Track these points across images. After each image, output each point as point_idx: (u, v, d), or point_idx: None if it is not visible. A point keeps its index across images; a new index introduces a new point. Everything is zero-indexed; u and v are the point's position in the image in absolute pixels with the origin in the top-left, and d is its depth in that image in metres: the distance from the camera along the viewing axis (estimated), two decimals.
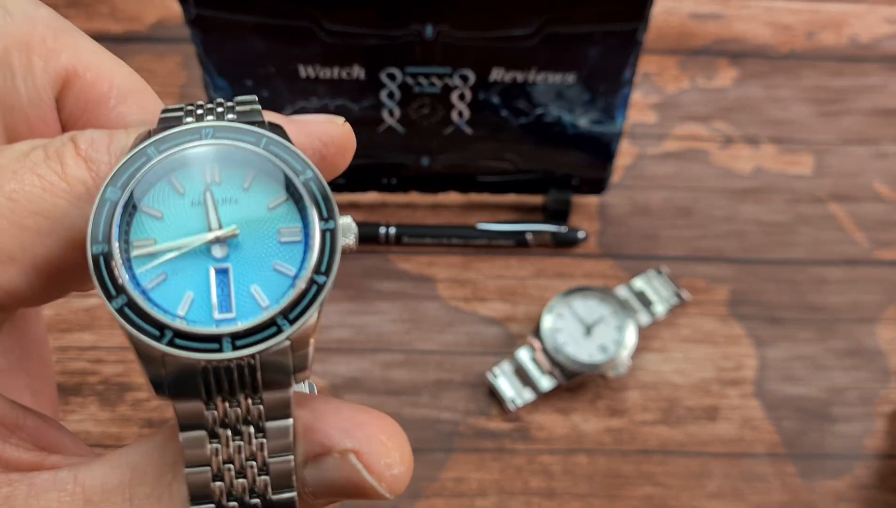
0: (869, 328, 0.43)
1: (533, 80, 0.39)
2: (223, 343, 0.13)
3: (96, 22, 0.50)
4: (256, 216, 0.14)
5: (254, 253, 0.14)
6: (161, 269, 0.13)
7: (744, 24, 0.52)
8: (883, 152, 0.49)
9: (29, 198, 0.13)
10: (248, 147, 0.14)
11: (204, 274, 0.13)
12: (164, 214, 0.14)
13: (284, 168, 0.14)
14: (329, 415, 0.14)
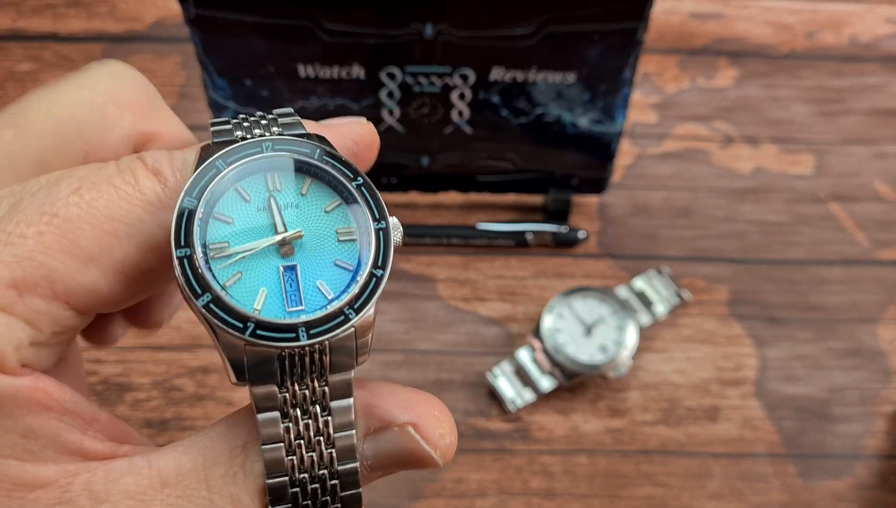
0: (869, 328, 0.43)
1: (533, 79, 0.38)
2: (299, 332, 0.14)
3: (96, 21, 0.50)
4: (316, 219, 0.15)
5: (316, 252, 0.15)
6: (236, 268, 0.15)
7: (744, 24, 0.52)
8: (883, 152, 0.49)
9: (107, 205, 0.15)
10: (305, 158, 0.15)
11: (275, 272, 0.15)
12: (235, 219, 0.15)
13: (337, 175, 0.16)
14: (386, 395, 0.16)
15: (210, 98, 0.39)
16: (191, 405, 0.40)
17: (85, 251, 0.15)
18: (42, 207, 0.14)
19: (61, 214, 0.15)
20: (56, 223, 0.14)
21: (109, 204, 0.15)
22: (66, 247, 0.15)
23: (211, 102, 0.39)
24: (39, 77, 0.48)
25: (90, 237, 0.15)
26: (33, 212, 0.14)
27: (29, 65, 0.49)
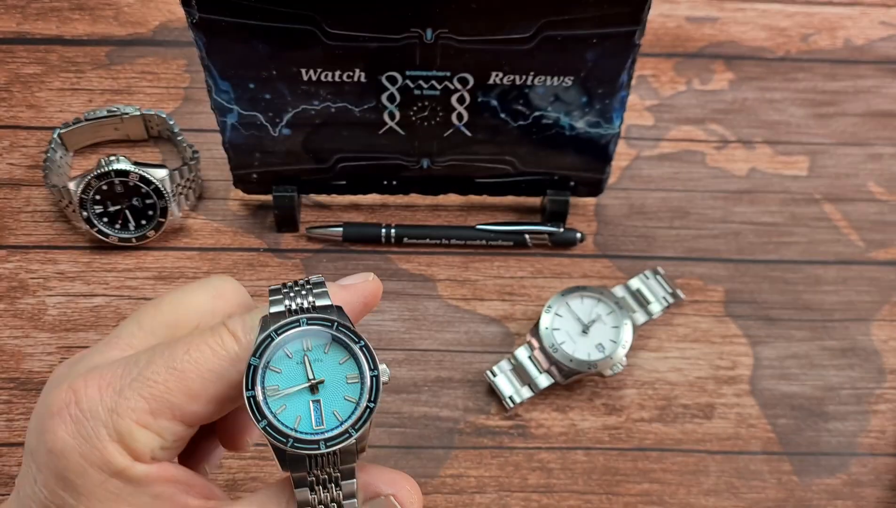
0: (863, 328, 0.44)
1: (531, 83, 0.39)
2: (320, 444, 0.23)
3: (101, 25, 0.51)
4: (333, 369, 0.24)
5: (333, 390, 0.24)
6: (282, 402, 0.24)
7: (739, 27, 0.53)
8: (877, 154, 0.49)
9: (206, 360, 0.24)
10: (326, 329, 0.24)
11: (306, 405, 0.24)
12: (282, 370, 0.24)
13: (346, 340, 0.24)
14: (376, 475, 0.25)
15: (214, 101, 0.40)
16: None
17: (193, 391, 0.24)
18: (167, 362, 0.24)
19: (178, 367, 0.24)
20: (175, 374, 0.23)
21: (207, 359, 0.24)
22: (180, 388, 0.23)
23: (215, 105, 0.40)
24: (45, 80, 0.49)
25: (196, 381, 0.24)
26: (162, 366, 0.24)
27: (34, 68, 0.49)
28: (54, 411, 0.23)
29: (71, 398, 0.23)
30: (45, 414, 0.23)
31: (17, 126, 0.48)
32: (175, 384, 0.23)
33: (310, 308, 0.25)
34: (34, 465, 0.24)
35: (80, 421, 0.23)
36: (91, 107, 0.48)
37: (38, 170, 0.46)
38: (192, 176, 0.44)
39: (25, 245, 0.44)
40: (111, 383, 0.23)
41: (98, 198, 0.42)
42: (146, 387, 0.23)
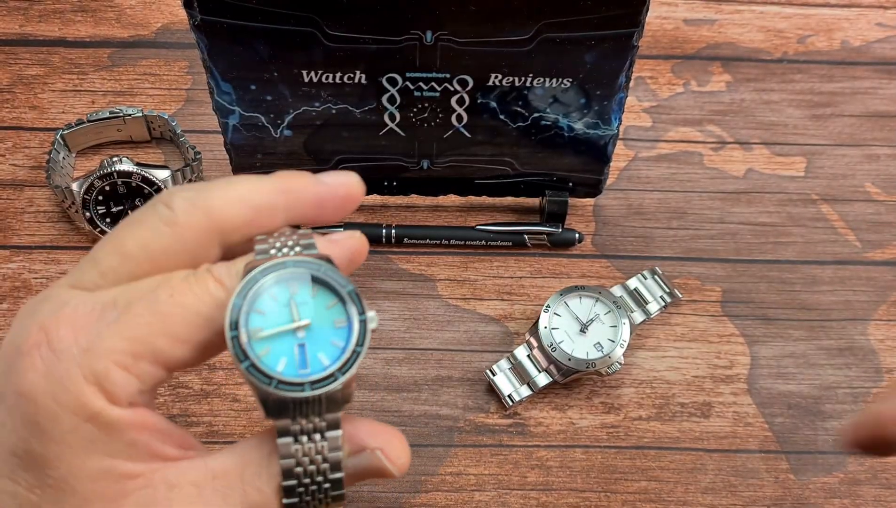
0: (860, 328, 0.44)
1: (530, 84, 0.39)
2: (305, 387, 0.22)
3: (103, 27, 0.51)
4: (320, 312, 0.23)
5: (319, 334, 0.23)
6: (266, 344, 0.22)
7: (736, 29, 0.53)
8: (874, 154, 0.50)
9: (191, 305, 0.23)
10: (314, 272, 0.23)
11: (291, 347, 0.23)
12: (267, 313, 0.23)
13: (334, 284, 0.23)
14: (363, 427, 0.24)
15: (215, 102, 0.40)
16: (197, 401, 0.41)
17: (177, 335, 0.22)
18: (150, 305, 0.22)
19: (162, 310, 0.22)
20: (159, 317, 0.22)
21: (192, 305, 0.23)
22: (165, 332, 0.22)
23: (216, 107, 0.40)
24: (47, 81, 0.49)
25: (180, 326, 0.22)
26: (145, 308, 0.22)
27: (37, 69, 0.50)
28: (24, 351, 0.22)
29: (42, 338, 0.22)
30: (12, 354, 0.22)
31: (20, 127, 0.48)
32: (159, 326, 0.22)
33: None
34: (2, 409, 0.22)
35: (53, 362, 0.21)
36: (94, 108, 0.49)
37: (41, 171, 0.46)
38: (194, 177, 0.44)
39: (28, 246, 0.44)
40: (86, 324, 0.22)
41: (101, 199, 0.42)
42: (128, 328, 0.22)
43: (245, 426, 0.40)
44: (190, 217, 0.24)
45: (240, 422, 0.40)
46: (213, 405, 0.40)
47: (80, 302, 0.23)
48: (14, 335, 0.23)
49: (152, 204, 0.24)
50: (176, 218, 0.24)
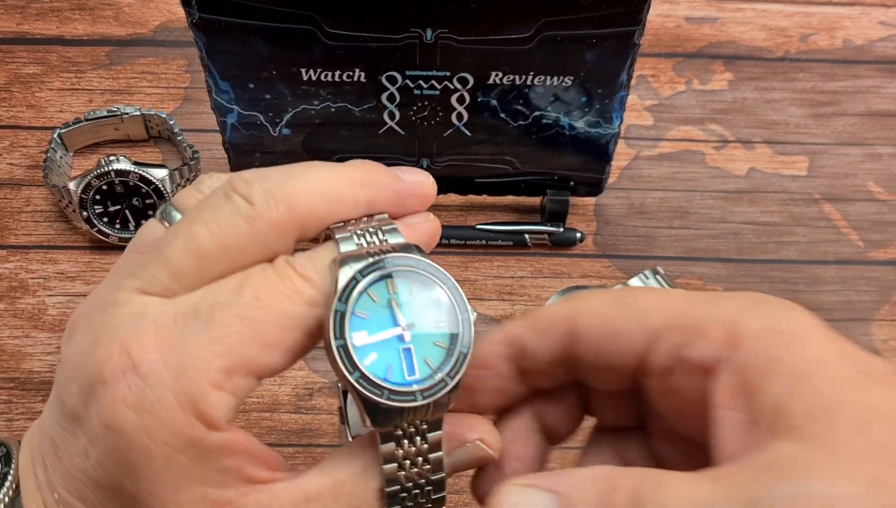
0: (863, 328, 0.44)
1: (531, 83, 0.39)
2: (416, 396, 0.21)
3: (101, 25, 0.51)
4: (421, 312, 0.22)
5: (423, 336, 0.22)
6: (372, 351, 0.21)
7: (739, 28, 0.53)
8: (876, 154, 0.49)
9: (280, 306, 0.21)
10: (412, 269, 0.22)
11: (397, 352, 0.22)
12: (369, 316, 0.22)
13: (435, 280, 0.22)
14: (462, 422, 0.23)
15: (214, 101, 0.40)
16: None
17: (268, 341, 0.21)
18: (236, 310, 0.21)
19: (250, 316, 0.21)
20: (248, 323, 0.21)
21: (282, 305, 0.21)
22: (256, 339, 0.21)
23: (215, 106, 0.40)
24: (45, 80, 0.49)
25: (271, 331, 0.21)
26: (231, 315, 0.21)
27: (34, 68, 0.49)
28: (108, 378, 0.20)
29: (127, 362, 0.20)
30: (93, 378, 0.20)
31: (17, 126, 0.48)
32: (249, 334, 0.20)
33: (386, 248, 0.22)
34: (84, 437, 0.21)
35: (143, 391, 0.20)
36: (91, 107, 0.48)
37: (39, 170, 0.46)
38: (192, 176, 0.44)
39: (25, 245, 0.44)
40: (172, 340, 0.20)
41: (98, 198, 0.42)
42: (218, 342, 0.20)
43: (244, 427, 0.40)
44: (271, 212, 0.22)
45: (237, 423, 0.40)
46: None
47: (159, 314, 0.21)
48: (89, 352, 0.21)
49: (226, 195, 0.22)
50: (257, 214, 0.21)
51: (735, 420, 0.20)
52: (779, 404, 0.19)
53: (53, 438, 0.22)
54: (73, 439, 0.21)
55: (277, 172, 0.23)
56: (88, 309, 0.22)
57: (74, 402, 0.21)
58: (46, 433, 0.22)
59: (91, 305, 0.22)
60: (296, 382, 0.41)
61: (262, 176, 0.22)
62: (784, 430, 0.19)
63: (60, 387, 0.22)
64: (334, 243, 0.22)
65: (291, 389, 0.41)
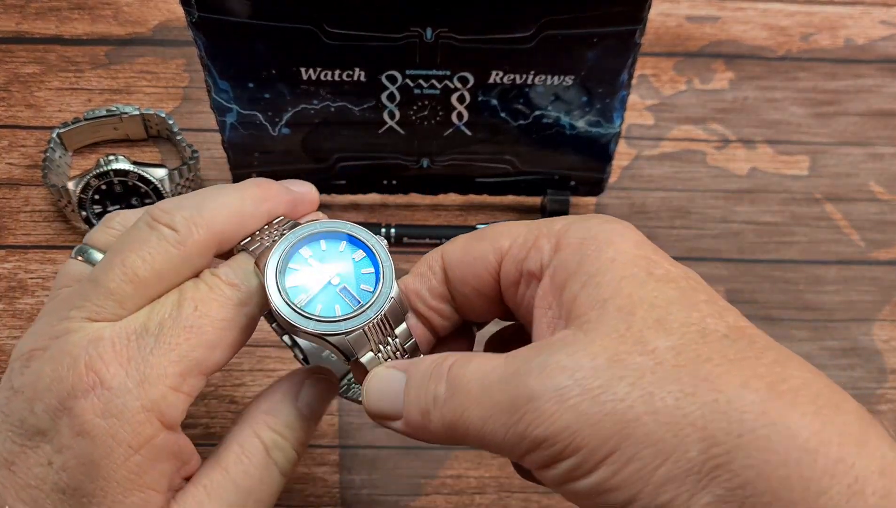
0: (865, 328, 0.44)
1: (531, 82, 0.39)
2: (370, 310, 0.26)
3: (100, 25, 0.51)
4: (337, 255, 0.27)
5: (348, 274, 0.27)
6: (317, 302, 0.26)
7: (740, 27, 0.53)
8: (878, 153, 0.49)
9: (216, 312, 0.25)
10: (315, 232, 0.27)
11: (336, 295, 0.26)
12: (300, 282, 0.26)
13: (339, 230, 0.27)
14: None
15: (213, 101, 0.40)
16: (194, 403, 0.40)
17: (211, 342, 0.25)
18: (181, 323, 0.25)
19: (194, 325, 0.25)
20: (193, 331, 0.25)
21: (217, 311, 0.25)
22: (201, 343, 0.25)
23: (214, 105, 0.40)
24: (44, 79, 0.49)
25: (213, 333, 0.25)
26: (178, 327, 0.25)
27: (33, 67, 0.49)
28: (79, 394, 0.23)
29: (95, 379, 0.23)
30: (66, 395, 0.23)
31: (15, 126, 0.48)
32: (195, 340, 0.25)
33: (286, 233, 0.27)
34: (49, 447, 0.24)
35: (110, 400, 0.23)
36: (90, 106, 0.48)
37: (37, 170, 0.46)
38: (191, 176, 0.44)
39: (24, 245, 0.44)
40: (130, 355, 0.24)
41: (97, 198, 0.42)
42: (170, 351, 0.24)
43: None
44: (194, 235, 0.26)
45: None
46: (209, 407, 0.40)
47: (114, 335, 0.24)
48: (55, 375, 0.24)
49: (150, 226, 0.26)
50: (182, 238, 0.26)
51: (547, 317, 0.24)
52: (573, 298, 0.23)
53: (4, 456, 0.24)
54: (33, 452, 0.24)
55: (190, 200, 0.27)
56: (39, 340, 0.25)
57: (39, 419, 0.24)
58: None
59: (40, 336, 0.25)
60: None
61: (179, 205, 0.26)
62: (572, 320, 0.23)
63: (18, 411, 0.24)
64: (248, 254, 0.27)
65: None
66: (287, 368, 0.41)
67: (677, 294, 0.23)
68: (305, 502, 0.38)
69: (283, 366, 0.41)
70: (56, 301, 0.26)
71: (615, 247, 0.24)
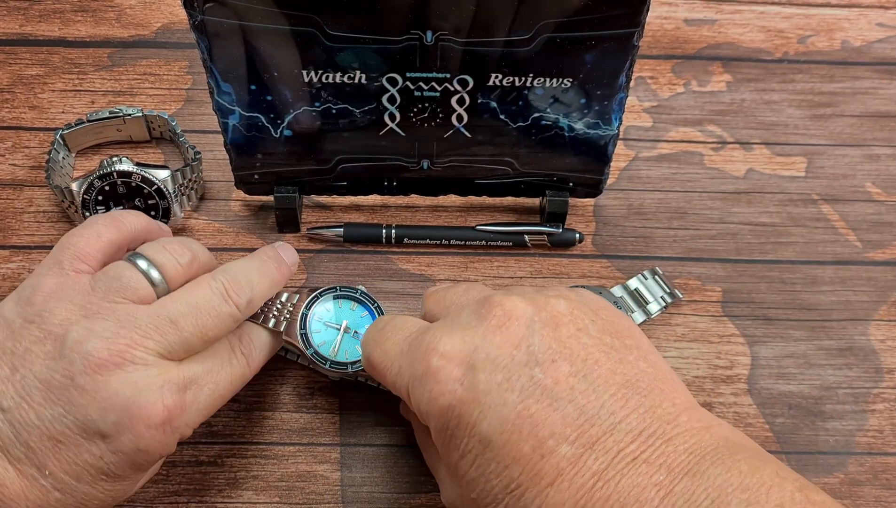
0: (861, 328, 0.44)
1: (530, 84, 0.39)
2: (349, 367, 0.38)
3: (103, 27, 0.51)
4: (349, 314, 0.39)
5: (358, 325, 0.39)
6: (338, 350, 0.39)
7: (737, 29, 0.53)
8: (874, 154, 0.50)
9: (234, 381, 0.35)
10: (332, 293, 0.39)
11: (349, 338, 0.39)
12: (326, 341, 0.39)
13: (347, 292, 0.39)
14: None
15: (216, 103, 0.40)
16: None
17: (223, 400, 0.35)
18: (215, 389, 0.35)
19: (221, 392, 0.35)
20: (217, 397, 0.35)
21: (235, 381, 0.35)
22: (218, 404, 0.35)
23: (216, 107, 0.40)
24: (47, 81, 0.49)
25: (226, 397, 0.35)
26: (216, 395, 0.35)
27: (37, 69, 0.50)
28: (153, 424, 0.31)
29: (167, 417, 0.31)
30: (141, 422, 0.30)
31: (19, 127, 0.48)
32: (218, 406, 0.34)
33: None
34: (105, 446, 0.30)
35: (169, 434, 0.32)
36: (93, 108, 0.49)
37: (41, 171, 0.46)
38: (193, 177, 0.44)
39: (28, 246, 0.44)
40: (189, 407, 0.32)
41: (100, 199, 0.42)
42: (207, 413, 0.33)
43: (245, 427, 0.40)
44: (245, 314, 0.35)
45: (239, 422, 0.40)
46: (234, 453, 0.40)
47: (181, 383, 0.32)
48: (135, 402, 0.30)
49: (225, 299, 0.34)
50: (241, 317, 0.34)
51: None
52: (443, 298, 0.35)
53: (54, 435, 0.30)
54: (87, 443, 0.30)
55: (248, 278, 0.35)
56: (106, 348, 0.31)
57: (107, 426, 0.30)
58: (40, 428, 0.30)
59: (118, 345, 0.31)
60: (297, 381, 0.41)
61: (249, 285, 0.35)
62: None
63: (82, 408, 0.30)
64: (263, 326, 0.37)
65: (293, 388, 0.41)
66: (287, 367, 0.41)
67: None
68: (307, 499, 0.38)
69: (285, 365, 0.41)
70: (121, 311, 0.32)
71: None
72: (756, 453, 0.27)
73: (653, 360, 0.29)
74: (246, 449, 0.39)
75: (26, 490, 0.30)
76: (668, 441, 0.26)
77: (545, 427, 0.26)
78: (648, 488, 0.25)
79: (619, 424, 0.26)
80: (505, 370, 0.28)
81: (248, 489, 0.38)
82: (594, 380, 0.27)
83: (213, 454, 0.39)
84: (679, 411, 0.27)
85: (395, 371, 0.31)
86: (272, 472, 0.39)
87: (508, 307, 0.29)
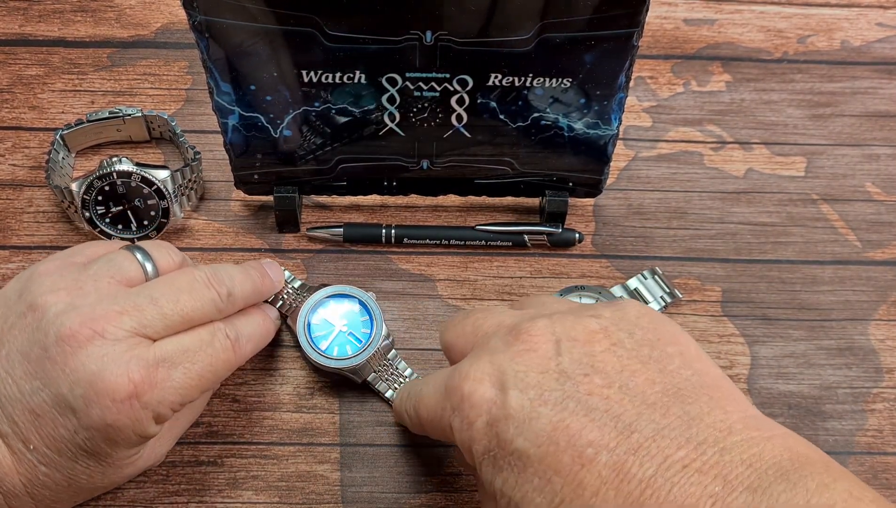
0: (861, 327, 0.44)
1: (530, 84, 0.39)
2: (368, 349, 0.40)
3: (103, 27, 0.51)
4: (352, 316, 0.41)
5: (356, 326, 0.40)
6: (333, 346, 0.40)
7: (737, 29, 0.53)
8: (874, 154, 0.50)
9: (218, 369, 0.35)
10: (342, 292, 0.41)
11: (346, 338, 0.40)
12: (325, 332, 0.41)
13: (358, 295, 0.41)
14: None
15: (215, 103, 0.40)
16: None
17: (203, 388, 0.34)
18: (197, 371, 0.34)
19: (203, 375, 0.34)
20: (199, 380, 0.34)
21: (220, 369, 0.35)
22: (200, 389, 0.34)
23: (216, 107, 0.40)
24: (47, 81, 0.49)
25: (208, 383, 0.35)
26: (194, 376, 0.34)
27: (37, 69, 0.50)
28: (118, 398, 0.30)
29: (133, 391, 0.31)
30: (107, 396, 0.30)
31: (19, 127, 0.48)
32: (198, 389, 0.33)
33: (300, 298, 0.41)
34: (77, 421, 0.31)
35: (139, 412, 0.31)
36: (93, 108, 0.49)
37: (41, 171, 0.46)
38: (193, 177, 0.44)
39: (28, 246, 0.44)
40: (160, 384, 0.32)
41: (100, 199, 0.42)
42: (183, 393, 0.32)
43: (245, 427, 0.40)
44: (229, 307, 0.36)
45: (239, 422, 0.40)
46: (212, 406, 0.40)
47: (150, 358, 0.31)
48: (101, 375, 0.30)
49: (206, 286, 0.34)
50: (225, 307, 0.35)
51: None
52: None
53: (33, 408, 0.31)
54: (61, 418, 0.31)
55: (229, 273, 0.35)
56: (80, 318, 0.31)
57: (76, 400, 0.30)
58: (22, 402, 0.31)
59: (92, 318, 0.31)
60: (297, 381, 0.41)
61: (231, 280, 0.35)
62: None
63: (54, 380, 0.30)
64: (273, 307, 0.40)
65: (293, 388, 0.41)
66: (287, 367, 0.41)
67: None
68: (307, 499, 0.38)
69: (285, 365, 0.41)
70: (105, 289, 0.32)
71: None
72: (826, 466, 0.25)
73: (699, 367, 0.28)
74: (246, 449, 0.39)
75: (17, 464, 0.31)
76: (724, 451, 0.24)
77: (582, 437, 0.25)
78: (703, 499, 0.23)
79: (661, 430, 0.25)
80: (536, 386, 0.27)
81: (248, 489, 0.38)
82: (630, 390, 0.26)
83: (213, 454, 0.39)
84: (733, 419, 0.26)
85: (439, 415, 0.30)
86: (272, 472, 0.39)
87: (536, 331, 0.29)
